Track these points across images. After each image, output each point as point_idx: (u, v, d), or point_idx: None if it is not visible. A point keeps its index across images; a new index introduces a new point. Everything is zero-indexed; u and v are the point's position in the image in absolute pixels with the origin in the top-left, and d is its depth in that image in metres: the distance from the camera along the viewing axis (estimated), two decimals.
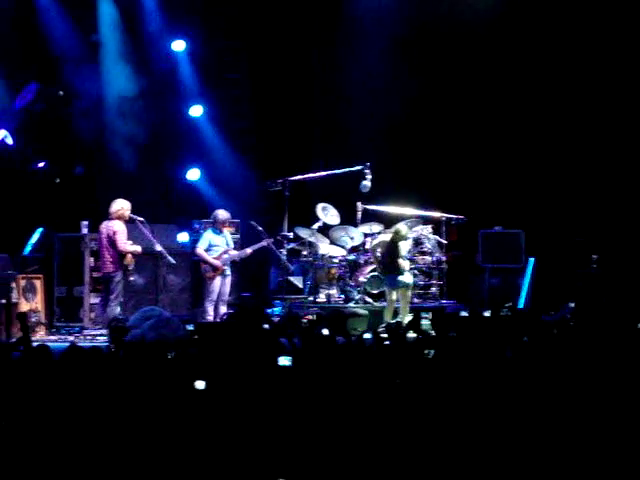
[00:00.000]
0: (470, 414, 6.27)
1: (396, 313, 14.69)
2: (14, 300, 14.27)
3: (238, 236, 16.17)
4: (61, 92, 16.95)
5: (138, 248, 14.20)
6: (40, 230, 15.88)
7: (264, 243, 15.16)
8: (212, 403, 6.47)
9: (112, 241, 13.98)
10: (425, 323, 11.10)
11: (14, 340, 12.50)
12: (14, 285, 14.33)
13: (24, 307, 14.91)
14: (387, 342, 8.49)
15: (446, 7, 17.26)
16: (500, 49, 17.15)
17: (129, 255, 14.02)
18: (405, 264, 14.69)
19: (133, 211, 14.26)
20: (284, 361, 7.13)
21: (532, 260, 16.22)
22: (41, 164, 16.75)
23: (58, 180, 17.06)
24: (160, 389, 6.58)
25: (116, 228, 14.01)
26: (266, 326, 10.31)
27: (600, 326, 9.11)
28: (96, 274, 15.31)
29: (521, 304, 15.88)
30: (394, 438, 6.09)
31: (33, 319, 14.97)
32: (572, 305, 13.81)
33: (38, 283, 15.29)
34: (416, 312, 11.62)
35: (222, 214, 15.11)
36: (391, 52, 17.50)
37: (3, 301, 13.29)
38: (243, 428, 6.16)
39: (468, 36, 17.08)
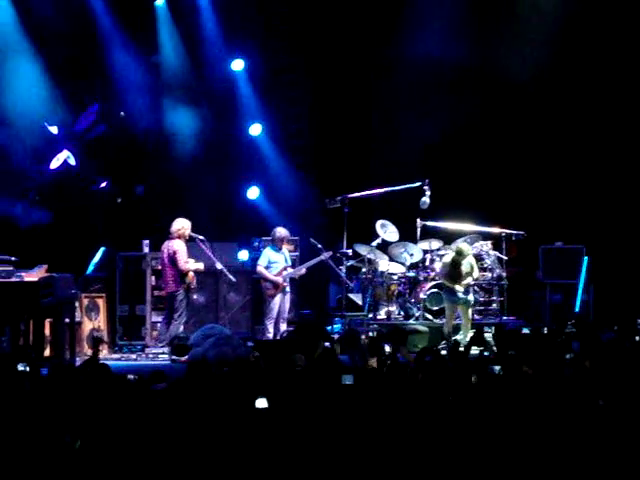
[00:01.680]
0: (528, 432, 6.22)
1: (458, 330, 14.62)
2: (77, 319, 14.44)
3: (297, 253, 16.20)
4: (122, 113, 17.16)
5: (200, 265, 14.33)
6: (102, 249, 16.07)
7: (322, 257, 15.17)
8: (273, 421, 6.49)
9: (173, 260, 14.12)
10: (488, 337, 11.06)
11: (78, 360, 12.69)
12: (77, 304, 14.49)
13: (87, 326, 15.10)
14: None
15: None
16: (560, 71, 17.08)
17: (190, 273, 14.16)
18: (468, 282, 14.60)
19: (193, 230, 14.39)
20: (346, 380, 7.13)
21: (586, 259, 16.03)
22: (103, 184, 16.95)
23: (120, 200, 17.26)
24: (222, 406, 6.62)
25: (176, 247, 14.15)
26: (327, 344, 10.32)
27: None
28: (158, 293, 15.46)
29: (577, 306, 15.75)
30: (453, 457, 6.06)
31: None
32: None
33: (101, 302, 15.46)
34: (478, 328, 11.58)
35: (281, 231, 15.18)
36: (449, 69, 17.47)
37: (67, 320, 13.43)
38: (305, 446, 6.17)
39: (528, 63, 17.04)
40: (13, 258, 13.33)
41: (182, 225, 14.32)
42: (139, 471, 5.95)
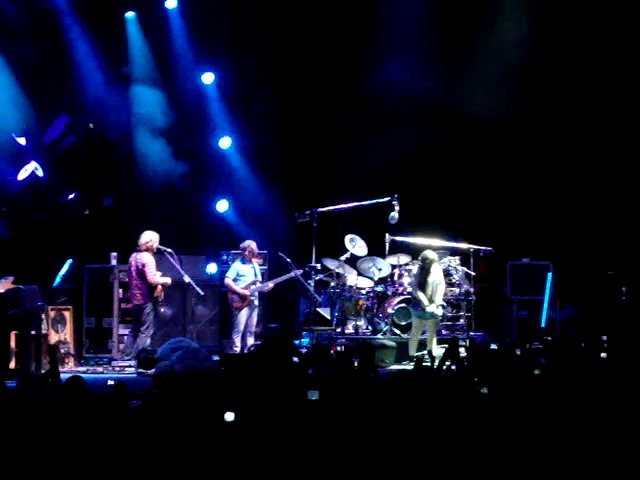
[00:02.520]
0: (496, 450, 6.24)
1: (423, 345, 14.65)
2: (44, 331, 14.34)
3: (266, 267, 16.19)
4: (91, 125, 17.09)
5: (168, 280, 14.27)
6: (70, 261, 15.97)
7: (292, 274, 15.19)
8: (240, 435, 6.47)
9: (141, 273, 14.05)
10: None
11: (43, 372, 12.58)
12: (44, 316, 14.39)
13: (53, 338, 14.99)
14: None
15: None
16: (523, 99, 17.28)
17: (159, 287, 14.09)
18: (435, 294, 14.64)
19: (162, 242, 14.35)
20: (312, 396, 7.10)
21: (550, 275, 16.14)
22: (71, 196, 16.87)
23: (87, 212, 17.18)
24: (189, 421, 6.59)
25: (145, 260, 14.08)
26: (295, 359, 10.29)
27: (633, 359, 9.06)
28: (125, 305, 15.39)
29: (543, 322, 15.86)
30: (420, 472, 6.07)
31: (62, 350, 15.04)
32: (604, 338, 13.73)
33: (67, 314, 15.36)
34: (454, 339, 11.53)
35: (249, 245, 15.18)
36: (418, 92, 17.52)
37: (33, 332, 13.34)
38: (271, 460, 6.15)
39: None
40: None
41: (150, 238, 14.27)
42: None
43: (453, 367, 9.14)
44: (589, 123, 17.19)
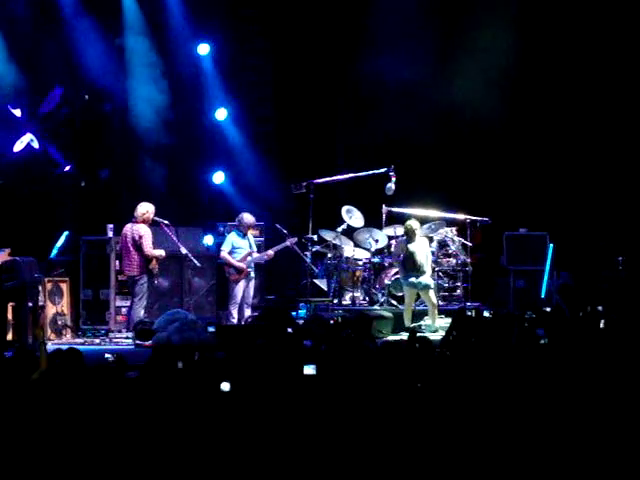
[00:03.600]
0: (493, 418, 6.25)
1: (418, 316, 14.73)
2: (41, 303, 14.34)
3: (263, 239, 16.18)
4: (86, 96, 17.03)
5: (162, 252, 14.26)
6: (66, 233, 15.95)
7: (287, 243, 15.19)
8: (236, 406, 6.49)
9: (138, 245, 14.04)
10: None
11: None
12: (41, 288, 14.38)
13: (50, 310, 15.00)
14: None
15: None
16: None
17: (154, 259, 14.08)
18: (425, 265, 14.65)
19: (158, 214, 14.32)
20: (309, 370, 7.08)
21: (551, 246, 16.18)
22: (67, 168, 16.82)
23: (84, 184, 17.14)
24: (186, 391, 6.61)
25: (142, 232, 14.07)
26: (289, 330, 10.32)
27: (630, 328, 9.09)
28: (122, 277, 15.37)
29: (543, 292, 15.91)
30: (418, 444, 6.08)
31: (59, 322, 15.06)
32: (600, 309, 13.77)
33: (64, 286, 15.36)
34: (461, 310, 11.56)
35: (248, 218, 15.15)
36: (418, 53, 17.46)
37: (30, 304, 13.34)
38: (266, 432, 6.17)
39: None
40: None
41: (147, 209, 14.25)
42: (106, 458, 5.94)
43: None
44: (586, 97, 17.16)
